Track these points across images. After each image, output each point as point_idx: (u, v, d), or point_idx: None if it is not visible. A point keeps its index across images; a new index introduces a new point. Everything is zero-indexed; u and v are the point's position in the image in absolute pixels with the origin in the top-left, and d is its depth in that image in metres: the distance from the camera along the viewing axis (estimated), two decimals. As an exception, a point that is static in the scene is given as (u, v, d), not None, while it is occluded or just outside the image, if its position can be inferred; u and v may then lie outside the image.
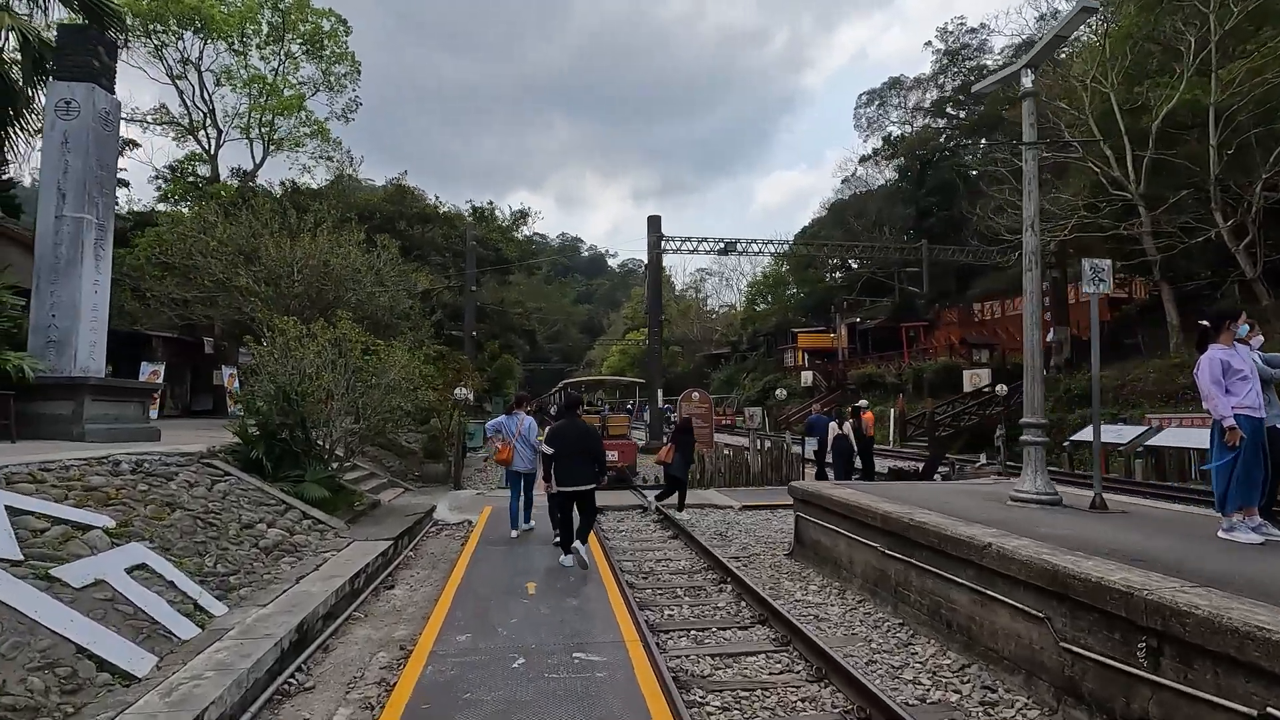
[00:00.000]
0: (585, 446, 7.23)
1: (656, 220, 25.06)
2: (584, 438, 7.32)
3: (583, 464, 7.16)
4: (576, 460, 7.12)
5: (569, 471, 7.13)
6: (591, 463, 7.24)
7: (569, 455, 7.14)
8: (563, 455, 7.16)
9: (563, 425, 7.47)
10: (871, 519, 6.28)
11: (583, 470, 7.16)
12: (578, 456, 7.12)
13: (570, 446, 7.17)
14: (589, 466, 7.21)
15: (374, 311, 16.15)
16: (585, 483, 7.20)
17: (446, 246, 26.05)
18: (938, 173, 52.60)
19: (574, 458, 7.12)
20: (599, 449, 7.40)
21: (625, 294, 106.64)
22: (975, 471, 14.73)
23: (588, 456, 7.21)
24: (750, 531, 10.04)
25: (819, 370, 47.24)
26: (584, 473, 7.17)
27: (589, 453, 7.24)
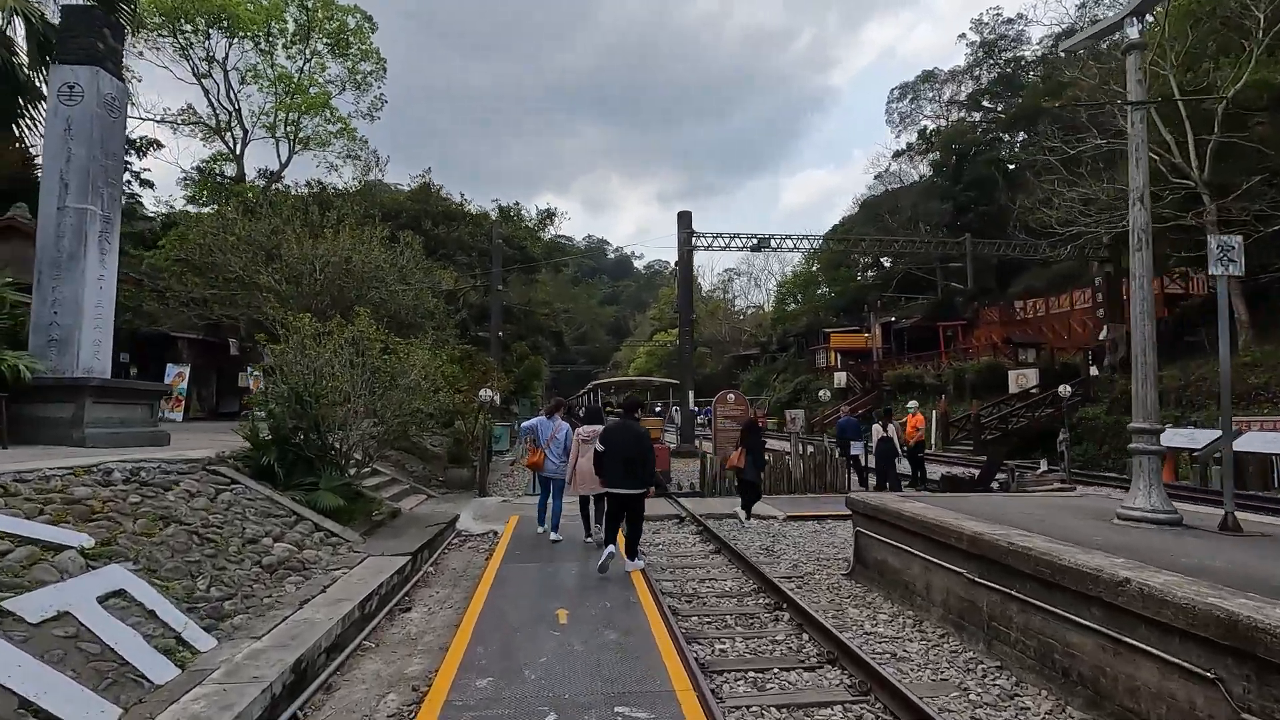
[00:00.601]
0: (635, 451, 6.96)
1: (687, 216, 24.24)
2: (635, 441, 7.04)
3: (631, 468, 6.92)
4: (625, 463, 6.91)
5: (616, 473, 6.96)
6: (639, 467, 6.96)
7: (618, 457, 6.95)
8: (612, 456, 6.99)
9: (616, 426, 7.34)
10: (956, 540, 5.39)
11: (630, 474, 6.93)
12: (626, 459, 6.91)
13: (620, 449, 6.98)
14: (636, 471, 6.95)
15: (397, 310, 15.60)
16: (630, 487, 6.97)
17: (472, 245, 25.51)
18: (975, 167, 51.01)
19: (622, 460, 6.92)
20: (648, 454, 7.09)
21: (651, 296, 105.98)
22: (1036, 479, 13.64)
23: (636, 461, 6.94)
24: (799, 546, 9.17)
25: (853, 371, 45.96)
26: (631, 477, 6.93)
27: (638, 457, 6.95)
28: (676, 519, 10.92)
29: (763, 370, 61.06)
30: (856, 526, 7.35)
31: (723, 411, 16.71)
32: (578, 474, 8.40)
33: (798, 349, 58.40)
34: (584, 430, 8.84)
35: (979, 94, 57.48)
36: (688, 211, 24.25)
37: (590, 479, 8.17)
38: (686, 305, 23.24)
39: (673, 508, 11.72)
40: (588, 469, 8.13)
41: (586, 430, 8.69)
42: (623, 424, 7.38)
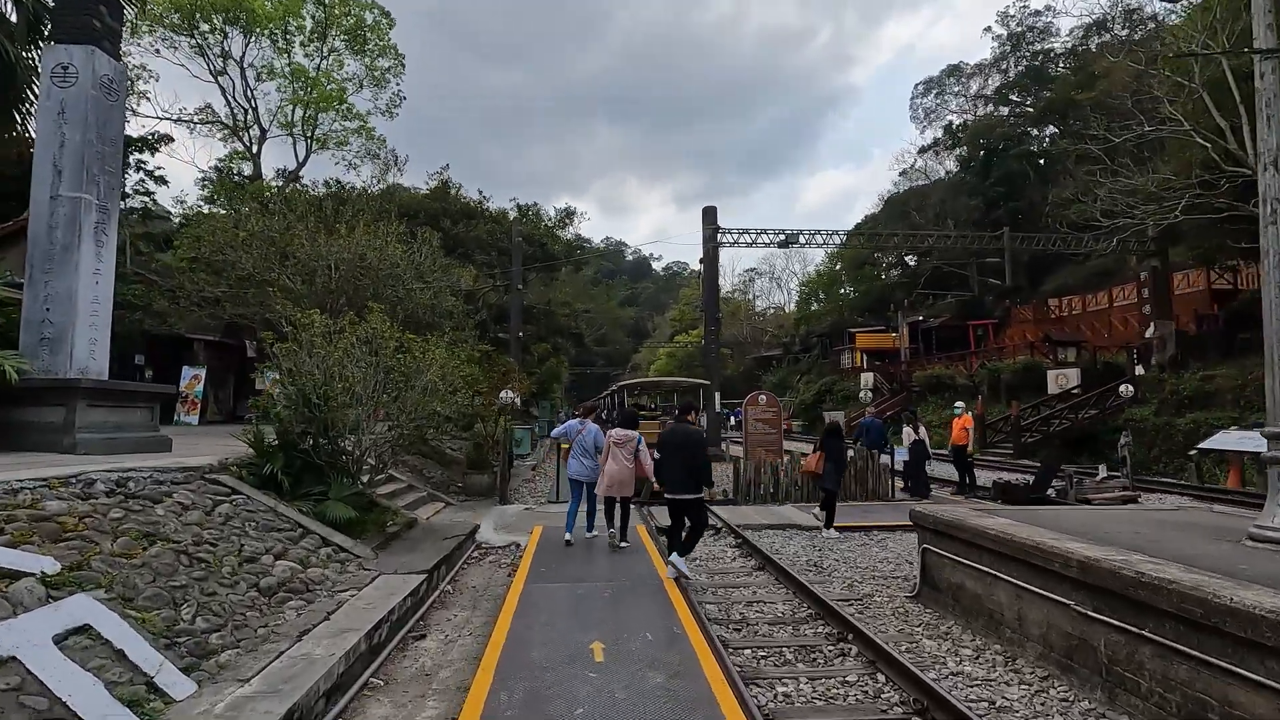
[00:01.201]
0: (688, 454, 6.88)
1: (712, 212, 23.46)
2: (687, 445, 6.94)
3: (686, 472, 6.87)
4: (680, 467, 6.88)
5: (674, 478, 6.94)
6: (694, 471, 6.88)
7: (673, 462, 6.93)
8: (668, 461, 7.00)
9: (672, 430, 7.32)
10: (1061, 566, 4.57)
11: (685, 478, 6.88)
12: (681, 464, 6.86)
13: (674, 453, 6.95)
14: (691, 475, 6.89)
15: (414, 309, 15.01)
16: (686, 491, 6.90)
17: (491, 244, 24.93)
18: (1004, 161, 49.69)
19: (677, 465, 6.89)
20: (701, 458, 6.94)
21: (670, 297, 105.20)
22: (1096, 486, 12.66)
23: (690, 465, 6.85)
24: (849, 561, 8.35)
25: (880, 372, 44.75)
26: (686, 481, 6.88)
27: (691, 461, 6.86)
28: (712, 530, 10.13)
29: (785, 371, 59.96)
30: (924, 544, 6.53)
31: (754, 414, 15.91)
32: (606, 476, 8.31)
33: (821, 350, 57.26)
34: (615, 433, 8.50)
35: (1006, 88, 56.11)
36: (713, 207, 23.48)
37: (619, 482, 8.27)
38: (712, 303, 22.45)
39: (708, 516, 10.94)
40: (616, 472, 8.22)
41: (618, 433, 8.43)
42: (678, 428, 7.25)
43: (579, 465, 8.80)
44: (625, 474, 8.22)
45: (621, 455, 8.28)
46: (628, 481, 8.31)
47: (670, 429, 7.46)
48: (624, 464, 8.23)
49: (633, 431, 8.40)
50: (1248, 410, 20.12)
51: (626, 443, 8.32)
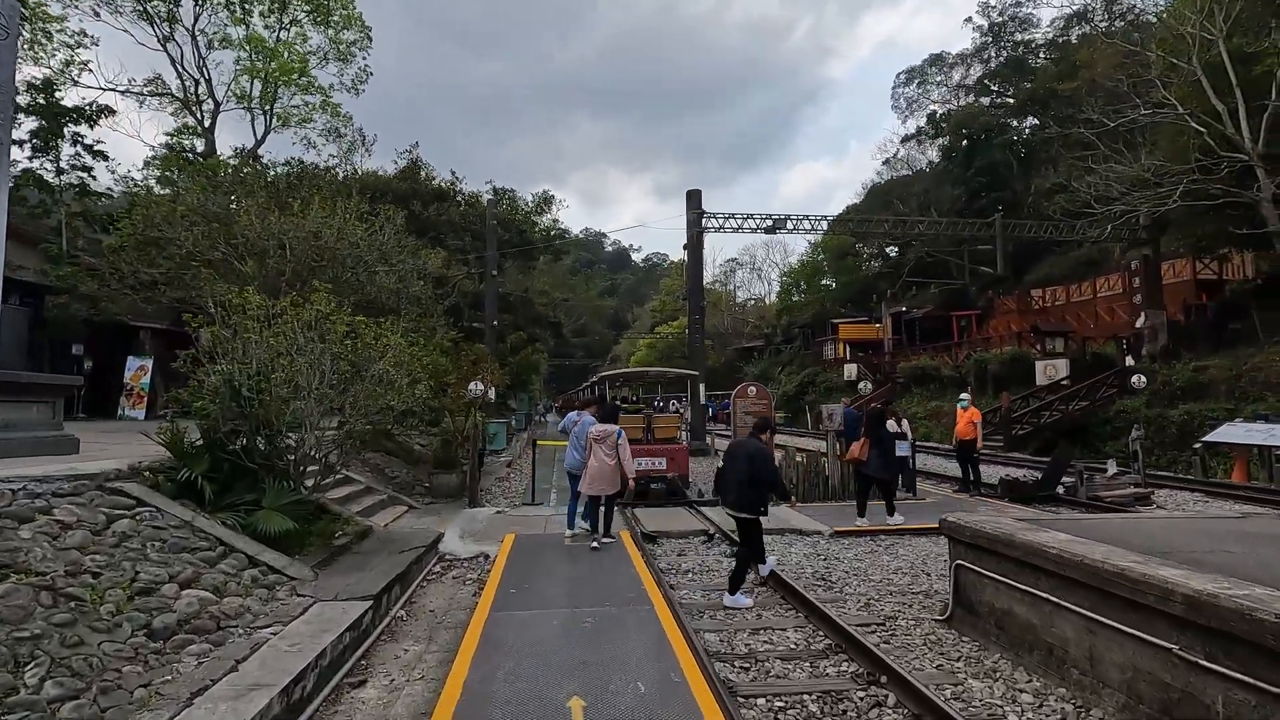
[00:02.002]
0: (747, 468, 6.30)
1: (696, 195, 22.45)
2: (747, 458, 6.37)
3: (741, 486, 6.32)
4: (735, 481, 6.38)
5: (728, 493, 6.50)
6: (750, 487, 6.29)
7: (731, 474, 6.48)
8: (726, 474, 6.58)
9: (737, 442, 6.94)
10: (1157, 599, 3.65)
11: (740, 493, 6.33)
12: (735, 477, 6.38)
13: (731, 465, 6.50)
14: (747, 491, 6.30)
15: (377, 295, 13.81)
16: (739, 509, 6.38)
17: (465, 227, 23.62)
18: (987, 151, 49.39)
19: (732, 478, 6.43)
20: (760, 473, 6.32)
21: (650, 289, 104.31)
22: (1107, 482, 11.93)
23: (747, 479, 6.29)
24: (860, 573, 7.44)
25: (863, 363, 44.24)
26: (740, 497, 6.33)
27: (749, 476, 6.29)
28: (702, 536, 9.18)
29: (767, 363, 59.39)
30: (957, 559, 5.61)
31: (743, 406, 14.96)
32: (587, 473, 8.10)
33: (803, 341, 56.75)
34: (595, 428, 8.22)
35: (988, 77, 55.91)
36: (697, 190, 22.48)
37: (600, 479, 7.98)
38: (697, 291, 21.47)
39: (696, 520, 9.98)
40: (597, 469, 7.99)
41: (598, 429, 8.19)
42: (744, 440, 6.81)
43: (572, 457, 8.62)
44: (607, 470, 8.00)
45: (602, 451, 8.03)
46: (610, 478, 8.04)
47: (736, 441, 7.07)
48: (604, 460, 8.00)
49: (612, 426, 8.14)
50: (1242, 401, 19.69)
51: (606, 438, 8.05)
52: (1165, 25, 22.77)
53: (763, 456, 6.45)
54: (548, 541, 8.50)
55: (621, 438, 8.04)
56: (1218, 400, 20.32)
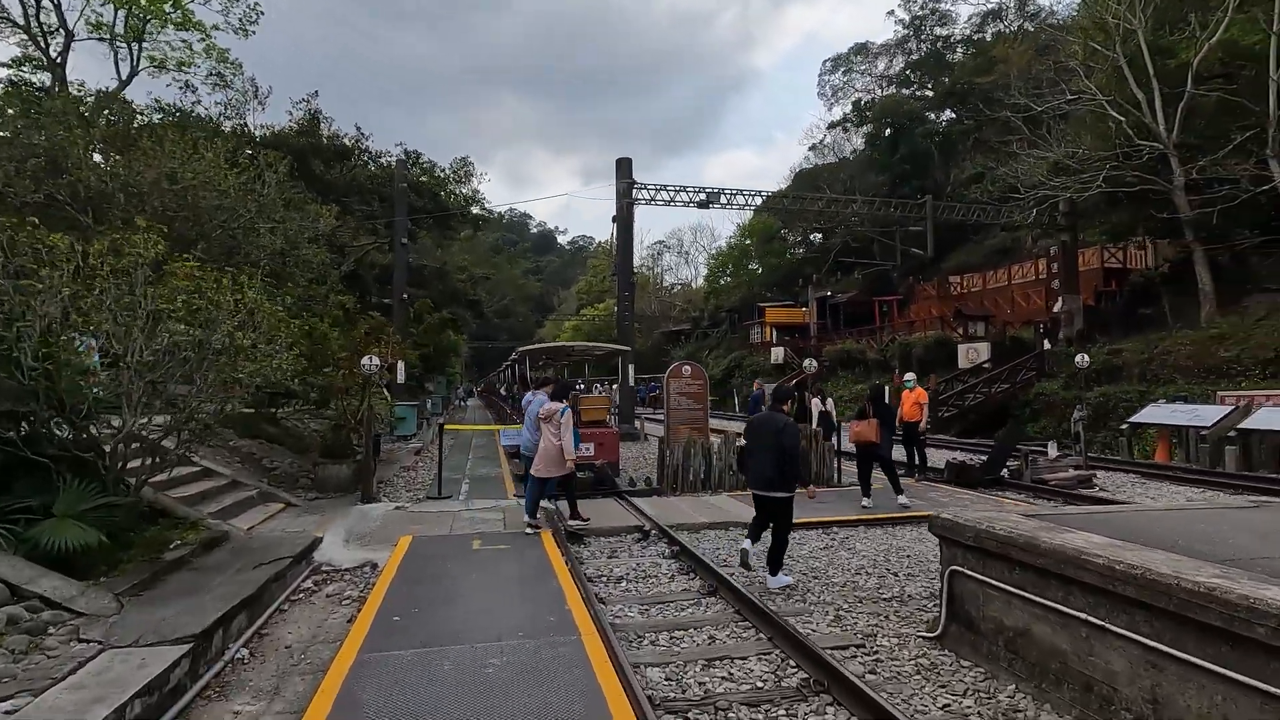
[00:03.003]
0: (774, 444, 5.86)
1: (626, 164, 21.10)
2: (774, 433, 5.90)
3: (775, 465, 5.85)
4: (767, 460, 5.90)
5: (759, 472, 5.99)
6: (778, 463, 5.83)
7: (760, 453, 5.99)
8: (754, 453, 6.11)
9: (759, 418, 6.40)
10: (1268, 630, 2.68)
11: (774, 473, 5.87)
12: (769, 456, 5.89)
13: (758, 442, 6.05)
14: (776, 469, 5.85)
15: (260, 257, 11.79)
16: (774, 488, 5.92)
17: (373, 190, 21.32)
18: (910, 140, 50.41)
19: (765, 457, 5.92)
20: (786, 446, 5.85)
21: (577, 271, 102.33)
22: (1050, 465, 11.54)
23: (774, 456, 5.84)
24: (820, 574, 6.42)
25: (789, 346, 44.46)
26: (774, 476, 5.88)
27: (776, 451, 5.84)
28: (637, 533, 7.97)
29: (694, 346, 59.06)
30: (952, 565, 4.61)
31: (677, 387, 13.85)
32: (538, 454, 7.67)
33: (730, 325, 56.74)
34: (544, 408, 7.71)
35: (910, 69, 57.19)
36: (627, 159, 21.12)
37: (548, 460, 7.56)
38: (626, 266, 20.19)
39: (629, 514, 8.77)
40: (544, 449, 7.60)
41: (545, 408, 7.69)
42: (768, 415, 6.23)
43: (524, 438, 8.34)
44: (554, 451, 7.53)
45: (550, 430, 7.54)
46: (556, 458, 7.55)
47: (760, 416, 6.41)
48: (552, 440, 7.54)
49: (559, 404, 7.63)
50: (1153, 384, 20.28)
51: (552, 415, 7.53)
52: (1088, 9, 23.00)
53: (791, 432, 5.94)
54: (452, 545, 7.08)
55: (565, 415, 7.49)
56: (1131, 383, 20.88)
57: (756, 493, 6.05)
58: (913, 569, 6.58)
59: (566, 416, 7.52)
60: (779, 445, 5.79)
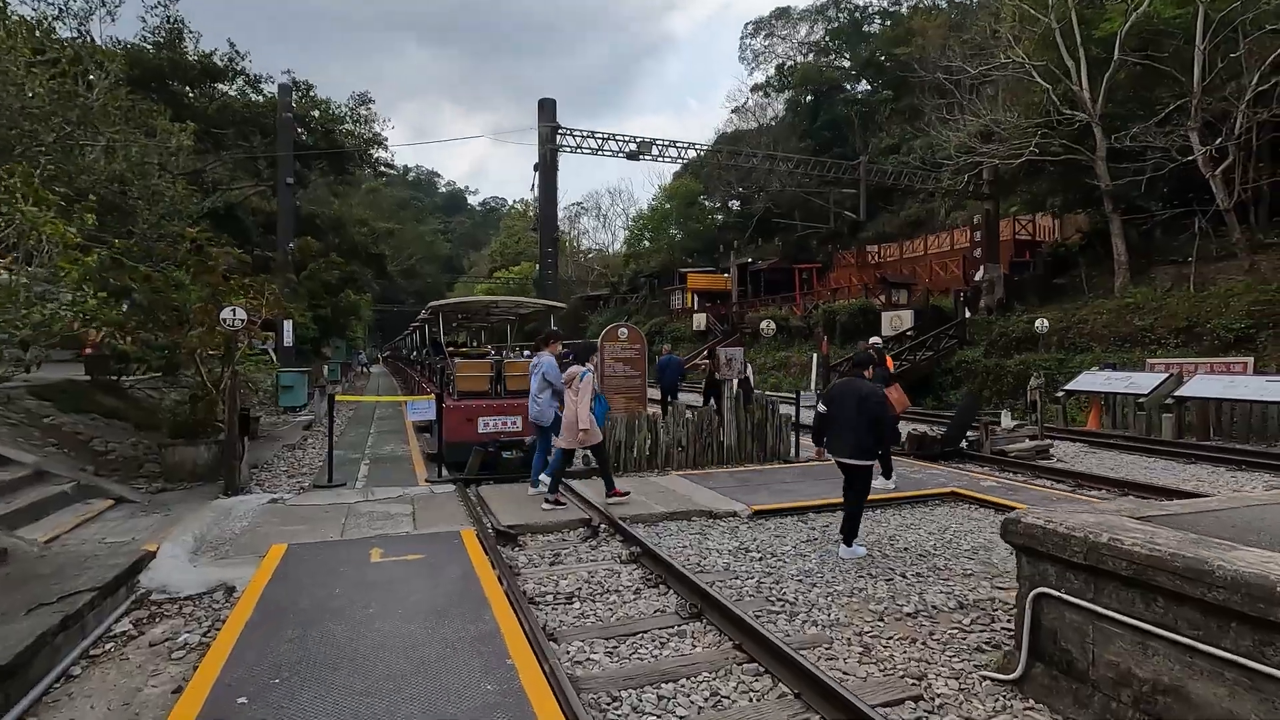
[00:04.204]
0: (860, 411, 5.50)
1: (550, 105, 19.07)
2: (858, 401, 5.54)
3: (859, 434, 5.52)
4: (851, 428, 5.56)
5: (842, 440, 5.64)
6: (866, 432, 5.50)
7: (843, 421, 5.62)
8: (834, 419, 5.72)
9: (841, 384, 5.97)
10: None
11: (857, 441, 5.55)
12: (853, 424, 5.54)
13: (841, 409, 5.66)
14: (862, 436, 5.52)
15: (91, 184, 9.21)
16: (857, 456, 5.59)
17: (253, 121, 18.13)
18: (832, 107, 50.40)
19: (849, 425, 5.57)
20: (873, 414, 5.49)
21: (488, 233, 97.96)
22: (1008, 436, 10.97)
23: (861, 424, 5.49)
24: (820, 582, 5.19)
25: (711, 313, 43.85)
26: (859, 445, 5.56)
27: (862, 419, 5.48)
28: (583, 528, 6.50)
29: (613, 312, 57.58)
30: (1042, 585, 3.41)
31: (612, 352, 12.39)
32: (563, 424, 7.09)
33: (650, 290, 55.59)
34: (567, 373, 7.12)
35: (830, 37, 57.12)
36: (551, 100, 19.10)
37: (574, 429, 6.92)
38: (550, 219, 18.31)
39: (571, 502, 7.27)
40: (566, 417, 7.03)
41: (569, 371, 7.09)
42: (851, 382, 5.92)
43: (531, 407, 7.61)
44: (571, 419, 6.92)
45: (569, 397, 6.99)
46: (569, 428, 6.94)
47: (843, 382, 6.07)
48: (571, 406, 6.95)
49: (579, 367, 7.04)
50: (1071, 352, 20.67)
51: (571, 380, 7.00)
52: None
53: (876, 398, 5.63)
54: (343, 555, 5.35)
55: (585, 379, 6.84)
56: (1049, 351, 21.21)
57: (841, 461, 5.72)
58: (920, 568, 5.49)
59: (586, 381, 6.84)
60: (865, 413, 5.50)
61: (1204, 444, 12.01)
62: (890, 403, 8.17)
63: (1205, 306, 18.25)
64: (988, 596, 4.88)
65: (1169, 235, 22.75)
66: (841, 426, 5.66)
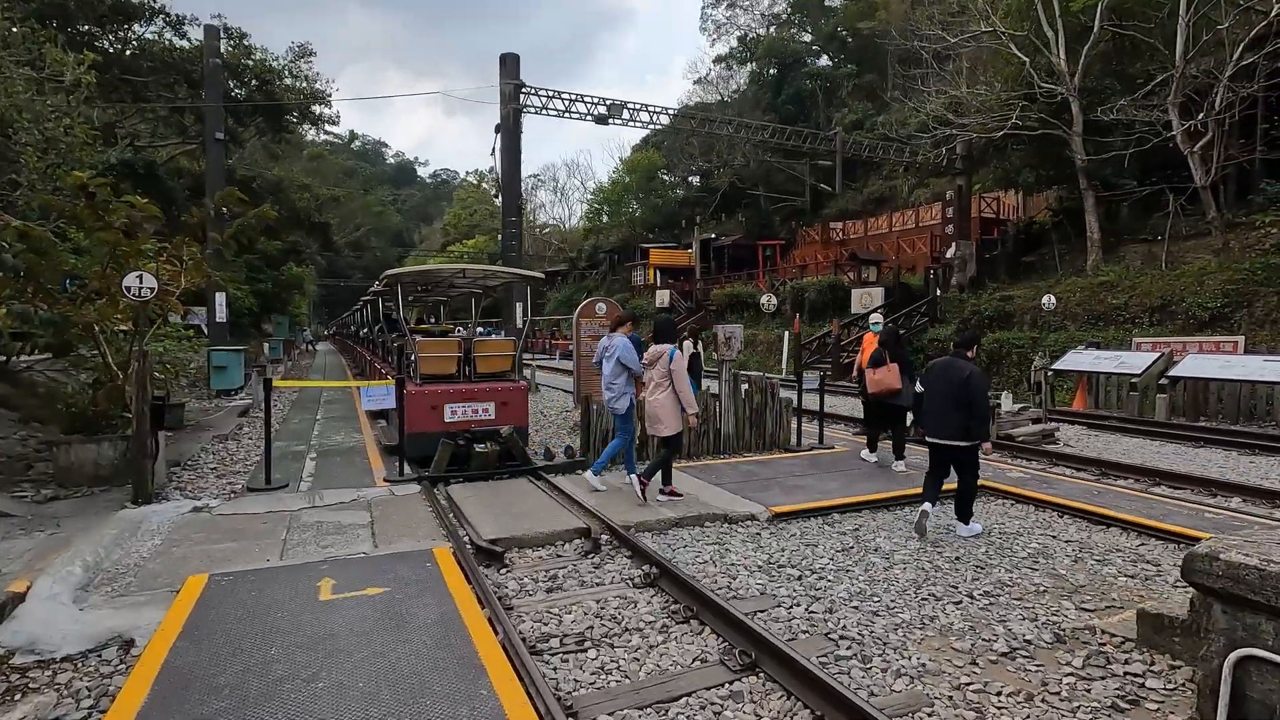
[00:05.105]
0: (958, 391, 5.39)
1: (513, 61, 17.54)
2: (959, 381, 5.39)
3: (959, 414, 5.39)
4: (950, 407, 5.44)
5: (940, 420, 5.52)
6: (963, 412, 5.38)
7: (941, 400, 5.50)
8: (934, 402, 5.58)
9: (940, 364, 5.72)
10: None
11: (958, 422, 5.41)
12: (951, 403, 5.43)
13: (942, 389, 5.51)
14: (966, 418, 5.38)
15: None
16: (957, 437, 5.45)
17: (174, 67, 16.01)
18: (795, 80, 49.51)
19: (947, 404, 5.45)
20: (976, 396, 5.34)
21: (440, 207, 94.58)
22: (1013, 419, 10.36)
23: (961, 403, 5.38)
24: (879, 607, 4.29)
25: (675, 289, 42.99)
26: (959, 425, 5.41)
27: (963, 399, 5.37)
28: (580, 539, 5.45)
29: (572, 288, 56.19)
30: (1250, 645, 2.54)
31: (589, 329, 11.28)
32: (657, 410, 6.34)
33: (610, 266, 54.30)
34: (648, 353, 6.53)
35: (792, 9, 56.11)
36: (514, 55, 17.57)
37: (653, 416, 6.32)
38: (513, 184, 16.90)
39: (560, 505, 6.19)
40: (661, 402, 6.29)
41: (649, 352, 6.51)
42: (948, 362, 5.65)
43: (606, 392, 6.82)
44: (658, 405, 6.33)
45: (653, 380, 6.42)
46: (663, 414, 6.29)
47: (941, 362, 5.77)
48: (654, 390, 6.38)
49: (664, 346, 6.41)
50: (1045, 330, 20.48)
51: (656, 360, 6.37)
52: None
53: (979, 380, 5.45)
54: (284, 589, 4.17)
55: (676, 360, 6.24)
56: (1022, 329, 20.99)
57: (937, 442, 5.58)
58: (983, 583, 4.66)
59: (678, 361, 6.24)
60: (966, 393, 5.36)
61: (1195, 425, 11.70)
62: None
63: (1179, 285, 18.14)
64: (1082, 625, 4.06)
65: (1137, 213, 22.73)
66: (941, 407, 5.48)
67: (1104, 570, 4.99)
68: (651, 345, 6.52)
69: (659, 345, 6.43)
